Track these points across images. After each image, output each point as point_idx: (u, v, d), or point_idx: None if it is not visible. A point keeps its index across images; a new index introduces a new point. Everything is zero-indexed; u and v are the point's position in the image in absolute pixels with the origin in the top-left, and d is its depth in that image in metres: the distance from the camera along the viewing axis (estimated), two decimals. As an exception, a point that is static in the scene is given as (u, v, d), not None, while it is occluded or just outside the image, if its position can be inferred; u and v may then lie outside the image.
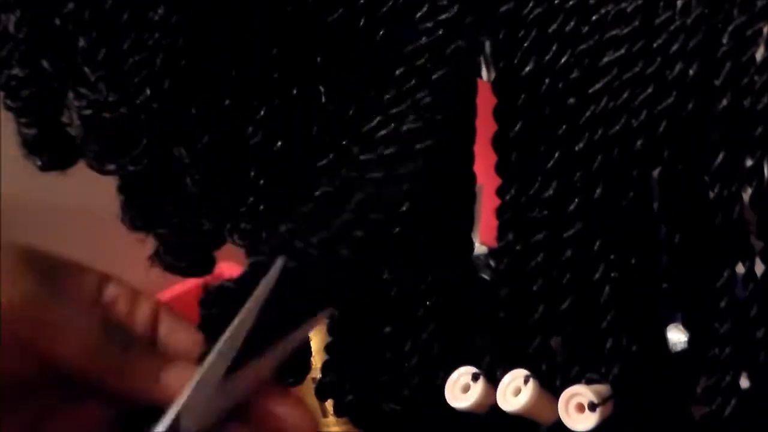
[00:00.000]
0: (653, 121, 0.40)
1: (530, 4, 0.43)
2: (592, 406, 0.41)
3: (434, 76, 0.43)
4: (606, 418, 0.41)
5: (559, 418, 0.42)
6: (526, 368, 0.43)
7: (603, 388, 0.42)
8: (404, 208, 0.46)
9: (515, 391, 0.43)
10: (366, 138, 0.44)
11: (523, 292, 0.44)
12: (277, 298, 0.40)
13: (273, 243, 0.42)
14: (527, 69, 0.43)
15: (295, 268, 0.41)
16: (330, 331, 0.50)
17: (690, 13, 0.40)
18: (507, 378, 0.43)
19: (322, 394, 0.50)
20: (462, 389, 0.44)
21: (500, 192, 0.44)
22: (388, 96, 0.45)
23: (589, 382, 0.42)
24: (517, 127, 0.43)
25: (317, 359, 0.51)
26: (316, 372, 0.51)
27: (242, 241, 0.50)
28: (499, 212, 0.44)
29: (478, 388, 0.44)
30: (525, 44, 0.43)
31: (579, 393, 0.41)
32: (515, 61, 0.43)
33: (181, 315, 0.43)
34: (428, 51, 0.43)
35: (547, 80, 0.42)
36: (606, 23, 0.41)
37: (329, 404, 0.52)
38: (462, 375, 0.45)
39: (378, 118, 0.44)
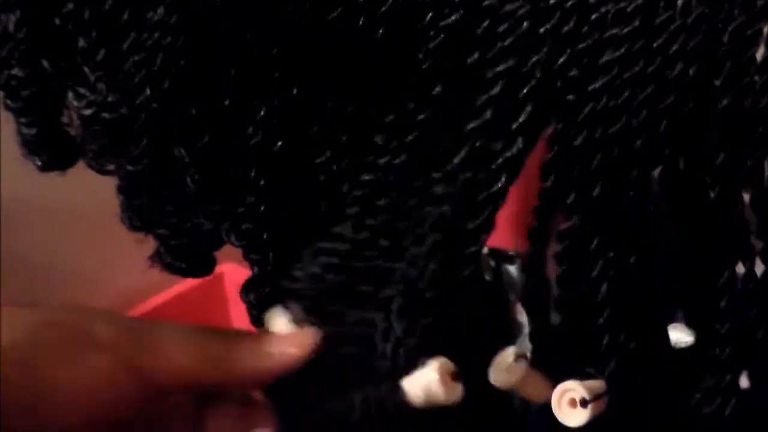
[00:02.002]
0: (653, 121, 0.40)
1: (530, 3, 0.43)
2: (584, 402, 0.41)
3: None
4: (601, 415, 0.41)
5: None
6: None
7: (596, 385, 0.42)
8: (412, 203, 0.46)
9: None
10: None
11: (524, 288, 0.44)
12: None
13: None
14: (526, 67, 0.43)
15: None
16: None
17: (690, 13, 0.40)
18: (500, 356, 0.43)
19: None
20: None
21: (500, 192, 0.44)
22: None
23: (584, 377, 0.42)
24: (515, 126, 0.43)
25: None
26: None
27: (241, 242, 0.50)
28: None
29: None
30: (524, 43, 0.43)
31: (572, 389, 0.42)
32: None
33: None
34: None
35: (547, 79, 0.42)
36: (606, 23, 0.41)
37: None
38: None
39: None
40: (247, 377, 0.41)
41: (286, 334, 0.42)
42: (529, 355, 0.43)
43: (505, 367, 0.43)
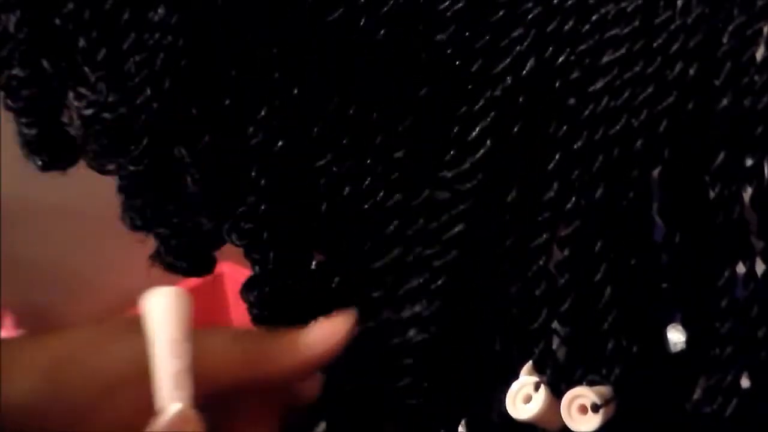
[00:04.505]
0: (653, 121, 0.40)
1: (530, 4, 0.43)
2: (596, 408, 0.41)
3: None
4: (608, 420, 0.41)
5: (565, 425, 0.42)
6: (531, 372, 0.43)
7: (605, 390, 0.42)
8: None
9: (525, 399, 0.43)
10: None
11: (527, 296, 0.44)
12: None
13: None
14: (526, 69, 0.43)
15: None
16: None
17: (690, 13, 0.40)
18: (516, 385, 0.43)
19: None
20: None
21: (501, 193, 0.44)
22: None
23: (591, 383, 0.42)
24: (516, 128, 0.43)
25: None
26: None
27: (242, 241, 0.50)
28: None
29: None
30: (524, 44, 0.43)
31: (582, 395, 0.41)
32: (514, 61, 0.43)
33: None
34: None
35: (546, 80, 0.42)
36: (606, 23, 0.41)
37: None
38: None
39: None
40: (289, 370, 0.45)
41: (320, 323, 0.45)
42: (544, 381, 0.43)
43: (523, 398, 0.43)
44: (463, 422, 0.47)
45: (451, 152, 0.44)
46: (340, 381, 0.48)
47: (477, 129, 0.44)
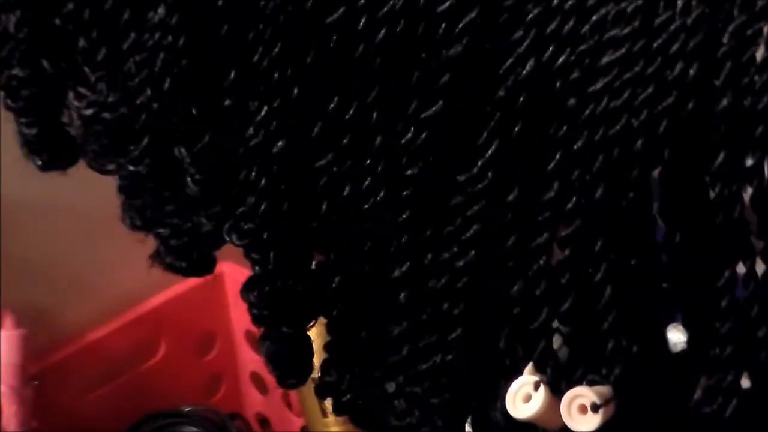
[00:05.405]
0: (653, 121, 0.40)
1: (529, 5, 0.43)
2: (595, 407, 0.41)
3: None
4: (608, 420, 0.41)
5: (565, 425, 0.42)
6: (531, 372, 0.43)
7: (605, 389, 0.42)
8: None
9: (525, 398, 0.43)
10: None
11: (527, 295, 0.44)
12: None
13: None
14: (526, 69, 0.43)
15: None
16: (330, 330, 0.50)
17: (690, 13, 0.40)
18: (516, 384, 0.43)
19: (321, 392, 0.51)
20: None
21: (501, 193, 0.44)
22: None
23: (591, 383, 0.42)
24: (516, 129, 0.43)
25: (317, 359, 0.51)
26: (316, 371, 0.51)
27: (242, 241, 0.50)
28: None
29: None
30: (524, 44, 0.43)
31: (581, 394, 0.41)
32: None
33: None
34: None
35: (546, 81, 0.42)
36: (606, 23, 0.41)
37: (329, 403, 0.52)
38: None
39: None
40: None
41: None
42: (544, 380, 0.43)
43: (523, 397, 0.43)
44: (469, 420, 0.47)
45: (458, 153, 0.44)
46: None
47: (485, 131, 0.44)
